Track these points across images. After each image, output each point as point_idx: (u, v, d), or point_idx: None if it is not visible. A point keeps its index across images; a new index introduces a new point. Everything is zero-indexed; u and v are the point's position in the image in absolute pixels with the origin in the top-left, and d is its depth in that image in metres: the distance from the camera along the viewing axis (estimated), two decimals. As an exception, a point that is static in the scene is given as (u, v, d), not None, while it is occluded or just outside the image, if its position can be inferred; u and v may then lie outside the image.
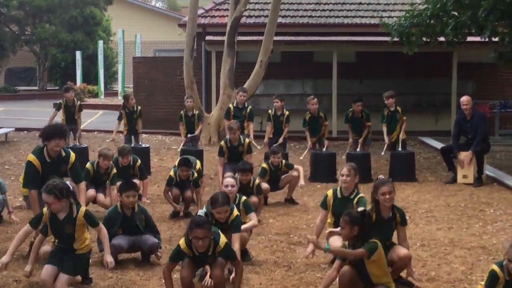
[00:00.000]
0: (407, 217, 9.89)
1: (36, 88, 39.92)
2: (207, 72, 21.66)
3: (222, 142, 12.01)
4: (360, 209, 6.87)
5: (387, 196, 7.01)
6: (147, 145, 15.06)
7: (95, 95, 34.27)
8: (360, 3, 22.82)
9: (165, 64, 23.36)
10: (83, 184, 8.64)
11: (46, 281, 6.35)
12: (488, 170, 13.77)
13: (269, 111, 14.58)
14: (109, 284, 7.36)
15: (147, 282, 7.43)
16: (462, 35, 15.57)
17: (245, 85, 16.96)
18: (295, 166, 11.75)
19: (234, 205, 7.78)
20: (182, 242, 6.44)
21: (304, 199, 11.91)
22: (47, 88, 38.82)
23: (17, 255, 8.40)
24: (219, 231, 6.60)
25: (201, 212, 7.03)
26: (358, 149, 14.04)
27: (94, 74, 36.69)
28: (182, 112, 14.72)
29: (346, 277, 6.35)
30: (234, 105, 14.32)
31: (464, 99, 13.44)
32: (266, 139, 14.20)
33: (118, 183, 9.40)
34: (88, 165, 10.72)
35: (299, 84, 22.16)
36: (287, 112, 14.27)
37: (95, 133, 20.13)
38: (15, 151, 11.94)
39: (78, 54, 35.60)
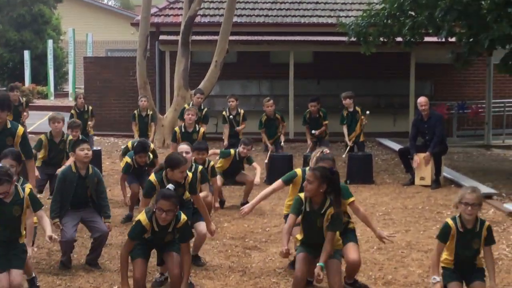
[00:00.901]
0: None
1: (-18, 89, 39.42)
2: (161, 72, 21.58)
3: (177, 128, 12.05)
4: None
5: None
6: (99, 148, 14.94)
7: (45, 96, 33.94)
8: (317, 3, 22.92)
9: (118, 64, 23.22)
10: (32, 162, 8.51)
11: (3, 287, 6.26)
12: (446, 172, 13.92)
13: (224, 112, 14.58)
14: (57, 291, 7.31)
15: (97, 290, 7.40)
16: (419, 35, 15.76)
17: (200, 86, 16.95)
18: (255, 164, 11.71)
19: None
20: (142, 217, 6.38)
21: (261, 203, 11.89)
22: (-6, 88, 38.38)
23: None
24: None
25: (171, 186, 6.95)
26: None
27: (43, 74, 36.33)
28: (135, 111, 14.65)
29: (302, 258, 6.33)
30: (190, 106, 14.26)
31: (422, 100, 13.56)
32: (225, 142, 14.11)
33: None
34: (42, 136, 10.67)
35: (255, 85, 22.19)
36: (242, 111, 14.30)
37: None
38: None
39: (26, 53, 35.19)
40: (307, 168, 7.52)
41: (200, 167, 8.57)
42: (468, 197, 5.96)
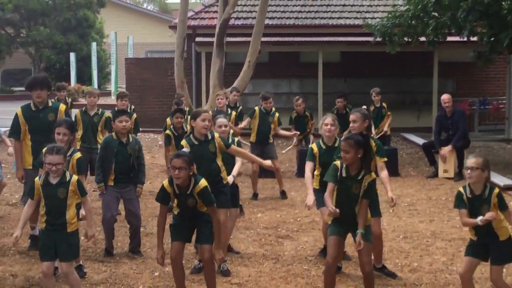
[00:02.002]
0: (390, 211, 10.02)
1: (32, 88, 39.75)
2: (197, 72, 21.69)
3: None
4: None
5: (351, 125, 7.21)
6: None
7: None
8: (344, 5, 22.85)
9: (157, 65, 23.35)
10: (74, 135, 8.53)
11: (47, 275, 6.29)
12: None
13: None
14: (103, 277, 7.36)
15: (139, 276, 7.44)
16: (442, 35, 15.64)
17: (235, 85, 16.95)
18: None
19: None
20: (165, 182, 6.37)
21: (292, 194, 11.93)
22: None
23: (13, 251, 8.43)
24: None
25: (185, 150, 6.94)
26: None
27: (88, 75, 36.65)
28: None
29: (333, 243, 6.27)
30: (226, 103, 14.22)
31: (445, 97, 13.51)
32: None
33: None
34: (77, 112, 10.87)
35: (286, 83, 22.21)
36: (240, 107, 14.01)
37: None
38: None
39: (72, 55, 35.53)
40: (320, 141, 7.79)
41: (237, 138, 8.49)
42: (469, 162, 6.00)
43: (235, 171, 8.18)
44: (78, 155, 6.39)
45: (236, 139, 9.69)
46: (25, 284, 7.15)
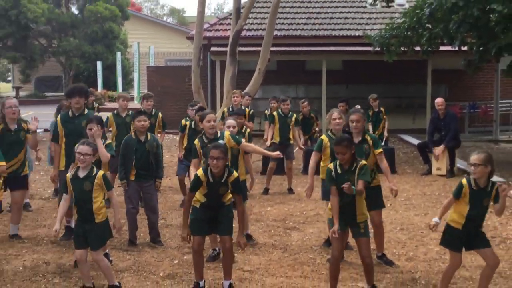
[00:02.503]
0: (388, 205, 10.00)
1: (62, 94, 39.93)
2: (212, 79, 21.72)
3: (225, 108, 12.62)
4: None
5: (354, 124, 7.12)
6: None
7: (114, 100, 34.25)
8: (346, 18, 22.81)
9: (175, 73, 23.39)
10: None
11: (82, 261, 6.33)
12: (459, 163, 13.79)
13: (266, 111, 14.46)
14: (127, 265, 7.38)
15: (160, 263, 7.46)
16: (435, 45, 15.61)
17: (246, 90, 16.94)
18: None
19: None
20: (199, 171, 6.33)
21: (298, 189, 11.92)
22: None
23: (46, 240, 8.46)
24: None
25: (221, 142, 6.99)
26: None
27: (113, 81, 36.77)
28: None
29: (338, 238, 6.23)
30: (231, 108, 14.08)
31: (439, 100, 13.51)
32: (265, 136, 13.65)
33: None
34: (109, 114, 10.80)
35: (293, 89, 22.19)
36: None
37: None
38: (44, 149, 11.93)
39: (99, 64, 35.66)
40: (329, 132, 7.89)
41: (248, 130, 8.51)
42: (472, 158, 5.97)
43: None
44: (101, 173, 6.38)
45: (248, 130, 9.75)
46: (56, 270, 7.18)
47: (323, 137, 7.89)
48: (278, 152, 8.27)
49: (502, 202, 5.89)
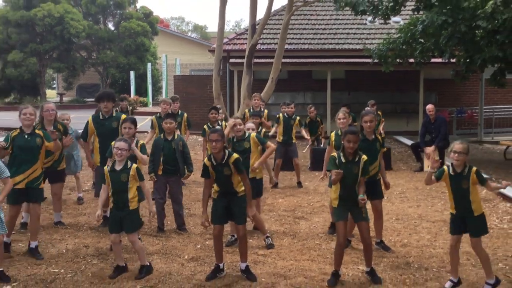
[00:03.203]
0: (385, 198, 9.95)
1: (100, 99, 40.15)
2: (231, 86, 21.77)
3: (246, 110, 12.51)
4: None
5: (368, 124, 7.05)
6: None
7: (145, 104, 34.43)
8: (348, 33, 22.77)
9: (199, 81, 23.44)
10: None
11: (116, 243, 6.36)
12: (448, 161, 13.67)
13: (278, 115, 14.46)
14: (156, 249, 7.40)
15: (185, 248, 7.47)
16: (427, 57, 15.60)
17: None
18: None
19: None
20: (205, 159, 6.34)
21: (306, 184, 11.91)
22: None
23: (86, 227, 8.50)
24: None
25: (218, 127, 7.12)
26: None
27: (144, 89, 36.90)
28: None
29: (342, 227, 6.21)
30: (251, 109, 14.07)
31: (430, 106, 13.50)
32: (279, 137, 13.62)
33: None
34: (152, 117, 10.96)
35: (301, 96, 22.19)
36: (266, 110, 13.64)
37: (145, 133, 20.21)
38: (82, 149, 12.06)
39: (132, 73, 35.78)
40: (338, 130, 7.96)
41: (253, 133, 8.03)
42: (456, 147, 5.90)
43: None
44: (135, 165, 6.41)
45: (263, 130, 9.82)
46: (95, 253, 7.22)
47: (332, 134, 8.02)
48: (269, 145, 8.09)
49: (496, 187, 6.09)
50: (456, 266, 6.08)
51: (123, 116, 8.59)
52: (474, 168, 5.94)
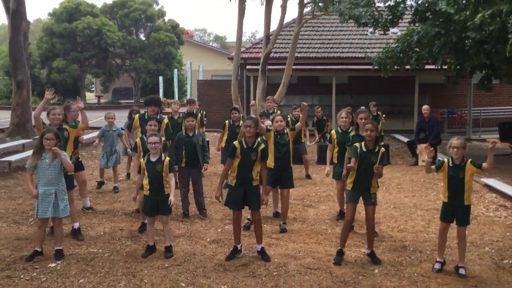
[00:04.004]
0: (383, 188, 9.89)
1: (133, 101, 40.36)
2: (247, 90, 21.74)
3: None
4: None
5: (363, 121, 7.01)
6: (207, 139, 15.04)
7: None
8: (351, 43, 22.65)
9: (219, 85, 23.45)
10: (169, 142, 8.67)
11: (150, 224, 6.42)
12: (440, 157, 13.56)
13: (287, 116, 14.41)
14: (182, 232, 7.43)
15: (207, 231, 7.49)
16: (422, 64, 15.46)
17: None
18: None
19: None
20: (235, 142, 6.31)
21: (313, 176, 11.88)
22: (140, 101, 39.25)
23: (121, 212, 8.54)
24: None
25: (253, 115, 7.02)
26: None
27: (171, 92, 36.99)
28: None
29: (352, 207, 6.24)
30: (265, 110, 14.06)
31: (425, 107, 13.42)
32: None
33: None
34: (165, 119, 10.79)
35: (309, 98, 22.10)
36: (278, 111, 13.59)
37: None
38: (120, 143, 12.10)
39: (160, 78, 35.87)
40: (338, 127, 8.03)
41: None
42: (454, 142, 5.89)
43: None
44: (167, 158, 6.44)
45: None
46: (128, 235, 7.26)
47: (332, 132, 8.01)
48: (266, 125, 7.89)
49: (490, 157, 5.84)
50: (443, 249, 6.05)
51: (165, 120, 8.71)
52: (469, 160, 5.92)
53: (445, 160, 6.01)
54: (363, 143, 6.25)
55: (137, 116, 8.76)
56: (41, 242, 6.31)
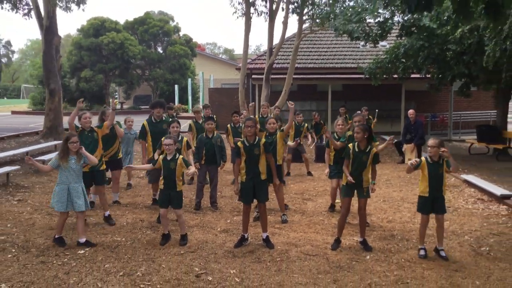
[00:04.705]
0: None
1: (151, 107, 40.35)
2: (253, 97, 21.72)
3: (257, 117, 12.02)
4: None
5: (357, 123, 6.90)
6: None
7: (186, 111, 34.55)
8: (345, 54, 22.61)
9: (228, 93, 23.46)
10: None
11: (164, 215, 6.42)
12: (424, 156, 13.55)
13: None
14: (195, 223, 7.42)
15: (218, 222, 7.48)
16: (407, 73, 15.45)
17: (277, 104, 16.91)
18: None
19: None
20: (238, 142, 6.30)
21: (313, 172, 11.86)
22: (158, 107, 39.30)
23: (141, 205, 8.55)
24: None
25: (252, 116, 7.04)
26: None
27: (185, 98, 37.01)
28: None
29: (347, 202, 6.23)
30: (261, 115, 13.83)
31: (411, 111, 13.40)
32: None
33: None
34: (190, 122, 10.68)
35: (308, 104, 22.12)
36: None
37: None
38: (139, 145, 12.13)
39: (176, 87, 35.93)
40: (334, 134, 7.93)
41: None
42: (429, 142, 5.91)
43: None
44: (181, 156, 6.45)
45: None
46: (148, 225, 7.26)
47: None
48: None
49: (451, 161, 5.80)
50: (423, 237, 6.06)
51: (173, 120, 8.68)
52: (445, 159, 5.90)
53: (423, 159, 5.98)
54: (356, 144, 6.23)
55: (145, 121, 8.55)
56: (60, 231, 6.33)
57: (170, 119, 8.47)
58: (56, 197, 6.19)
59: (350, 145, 6.30)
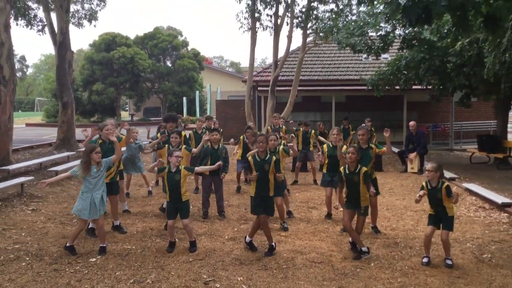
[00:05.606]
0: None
1: (161, 118, 40.51)
2: (259, 108, 21.75)
3: (269, 127, 12.09)
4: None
5: (361, 137, 6.97)
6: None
7: (194, 122, 34.67)
8: (348, 67, 22.64)
9: (234, 104, 23.51)
10: (185, 151, 8.53)
11: (171, 226, 6.40)
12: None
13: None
14: (203, 231, 7.42)
15: (225, 230, 7.48)
16: (409, 85, 15.45)
17: (282, 115, 16.93)
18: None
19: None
20: (249, 157, 6.34)
21: (318, 181, 11.83)
22: (167, 118, 39.50)
23: (151, 213, 8.55)
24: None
25: (263, 133, 7.08)
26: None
27: (193, 110, 37.20)
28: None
29: (348, 214, 6.19)
30: (272, 126, 13.97)
31: (412, 123, 13.32)
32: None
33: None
34: (190, 132, 10.58)
35: (312, 114, 22.11)
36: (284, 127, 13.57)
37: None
38: (149, 154, 12.17)
39: (184, 99, 36.11)
40: (330, 143, 7.90)
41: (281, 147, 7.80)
42: (427, 167, 5.90)
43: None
44: (183, 167, 6.47)
45: (283, 142, 9.67)
46: (158, 233, 7.27)
47: (324, 145, 8.01)
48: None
49: (387, 143, 6.06)
50: (429, 246, 6.03)
51: (183, 133, 8.74)
52: (445, 184, 5.88)
53: (423, 183, 6.00)
54: (346, 166, 6.21)
55: (158, 134, 8.81)
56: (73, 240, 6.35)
57: (174, 130, 8.57)
58: (80, 205, 6.24)
59: (342, 168, 6.30)
